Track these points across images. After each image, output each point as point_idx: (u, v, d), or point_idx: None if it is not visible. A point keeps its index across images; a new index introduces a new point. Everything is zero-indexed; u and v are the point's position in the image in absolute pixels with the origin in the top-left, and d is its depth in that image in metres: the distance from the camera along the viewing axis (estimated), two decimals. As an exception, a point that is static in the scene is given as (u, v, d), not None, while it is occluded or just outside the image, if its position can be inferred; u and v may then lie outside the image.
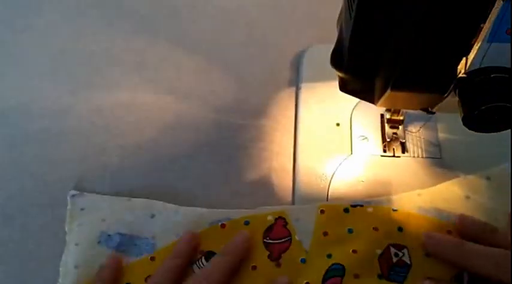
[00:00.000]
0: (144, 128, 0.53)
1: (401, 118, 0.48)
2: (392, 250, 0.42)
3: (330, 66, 0.38)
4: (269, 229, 0.44)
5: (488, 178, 0.45)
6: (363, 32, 0.34)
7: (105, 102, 0.55)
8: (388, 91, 0.36)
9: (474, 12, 0.29)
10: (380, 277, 0.41)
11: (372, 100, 0.39)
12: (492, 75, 0.31)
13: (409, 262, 0.41)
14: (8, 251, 0.45)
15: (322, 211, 0.44)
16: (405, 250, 0.41)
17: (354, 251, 0.42)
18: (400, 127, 0.49)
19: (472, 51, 0.31)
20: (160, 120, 0.54)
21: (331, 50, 0.38)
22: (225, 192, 0.48)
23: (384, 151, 0.49)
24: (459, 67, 0.32)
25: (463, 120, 0.33)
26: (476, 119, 0.32)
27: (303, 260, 0.42)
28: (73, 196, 0.47)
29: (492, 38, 0.29)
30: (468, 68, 0.32)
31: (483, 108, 0.31)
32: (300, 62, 0.57)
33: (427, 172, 0.47)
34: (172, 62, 0.59)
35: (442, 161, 0.48)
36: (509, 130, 0.33)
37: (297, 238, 0.43)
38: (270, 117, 0.54)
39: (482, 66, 0.31)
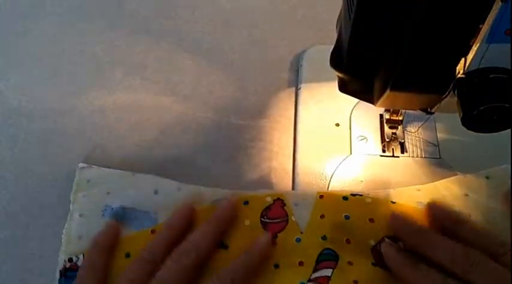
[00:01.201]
0: (145, 128, 0.53)
1: (400, 118, 0.49)
2: (388, 242, 0.42)
3: (330, 67, 0.39)
4: (267, 209, 0.44)
5: (487, 177, 0.46)
6: (362, 32, 0.34)
7: (106, 102, 0.55)
8: (388, 91, 0.36)
9: (473, 13, 0.29)
10: (374, 264, 0.41)
11: (371, 100, 0.40)
12: (491, 76, 0.31)
13: None
14: (10, 250, 0.46)
15: (321, 197, 0.45)
16: (401, 243, 0.41)
17: (348, 240, 0.42)
18: (399, 127, 0.50)
19: (471, 51, 0.31)
20: (160, 120, 0.54)
21: (330, 51, 0.39)
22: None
23: (383, 151, 0.49)
24: (458, 67, 0.32)
25: (462, 120, 0.33)
26: (475, 119, 0.32)
27: (298, 240, 0.42)
28: (81, 168, 0.48)
29: (491, 38, 0.29)
30: (467, 69, 0.32)
31: (482, 108, 0.31)
32: (299, 62, 0.58)
33: (426, 172, 0.48)
34: (173, 62, 0.59)
35: (441, 161, 0.48)
36: (508, 130, 0.34)
37: (293, 218, 0.44)
38: (269, 117, 0.54)
39: (481, 66, 0.31)
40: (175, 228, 0.42)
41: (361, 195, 0.44)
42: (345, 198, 0.44)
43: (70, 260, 0.43)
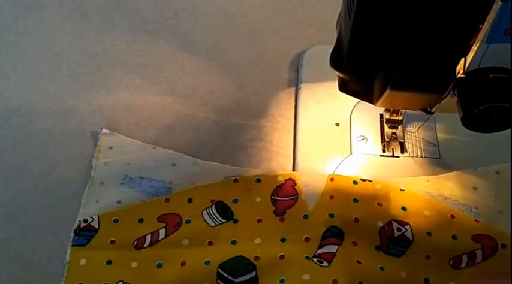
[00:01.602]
0: (145, 128, 0.53)
1: (400, 118, 0.49)
2: (395, 224, 0.43)
3: (330, 67, 0.39)
4: (278, 188, 0.46)
5: (497, 173, 0.46)
6: (362, 33, 0.34)
7: (107, 102, 0.55)
8: (387, 91, 0.36)
9: (473, 13, 0.29)
10: (378, 248, 0.42)
11: (371, 100, 0.40)
12: (491, 76, 0.31)
13: (411, 238, 0.42)
14: (11, 250, 0.46)
15: (331, 179, 0.46)
16: (408, 227, 0.42)
17: (356, 219, 0.43)
18: (399, 127, 0.50)
19: (470, 51, 0.31)
20: (161, 120, 0.54)
21: (330, 51, 0.39)
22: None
23: (383, 151, 0.49)
24: (458, 67, 0.32)
25: (462, 120, 0.33)
26: (475, 119, 0.32)
27: (306, 217, 0.44)
28: (104, 133, 0.51)
29: (491, 38, 0.30)
30: (467, 68, 0.32)
31: (482, 108, 0.31)
32: (299, 62, 0.58)
33: (426, 171, 0.48)
34: (173, 62, 0.59)
35: (441, 161, 0.48)
36: (508, 130, 0.34)
37: (303, 197, 0.45)
38: (269, 117, 0.54)
39: (481, 66, 0.31)
40: None
41: (370, 181, 0.46)
42: (355, 182, 0.46)
43: (85, 221, 0.45)
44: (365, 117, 0.51)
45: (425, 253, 0.42)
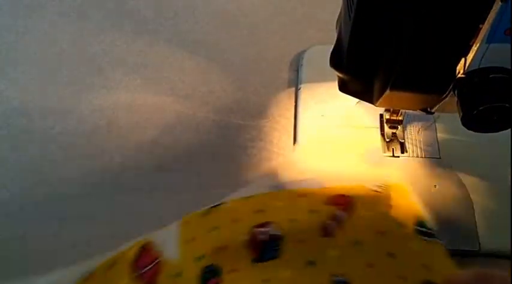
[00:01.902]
0: (145, 128, 0.53)
1: (400, 118, 0.49)
2: (257, 230, 0.41)
3: (330, 67, 0.39)
4: (136, 262, 0.40)
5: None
6: (362, 32, 0.34)
7: (107, 102, 0.55)
8: (387, 91, 0.36)
9: (473, 13, 0.29)
10: (255, 260, 0.41)
11: (371, 100, 0.40)
12: (491, 76, 0.31)
13: (279, 233, 0.41)
14: (10, 249, 0.46)
15: (184, 223, 0.43)
16: (271, 225, 0.42)
17: (222, 247, 0.41)
18: (400, 127, 0.50)
19: (470, 51, 0.31)
20: (161, 120, 0.54)
21: (330, 51, 0.39)
22: (225, 192, 0.48)
23: (383, 151, 0.49)
24: (458, 67, 0.32)
25: (462, 120, 0.33)
26: (475, 119, 0.32)
27: (179, 274, 0.40)
28: None
29: (491, 38, 0.30)
30: (467, 69, 0.32)
31: (482, 108, 0.31)
32: (299, 62, 0.58)
33: (426, 172, 0.48)
34: (173, 62, 0.59)
35: (441, 161, 0.48)
36: (508, 130, 0.34)
37: (164, 256, 0.41)
38: (269, 117, 0.54)
39: (481, 66, 0.31)
40: None
41: (219, 204, 0.44)
42: (206, 212, 0.43)
43: None
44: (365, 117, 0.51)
45: (298, 240, 0.41)
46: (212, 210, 0.44)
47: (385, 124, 0.50)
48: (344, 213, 0.42)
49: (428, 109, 0.39)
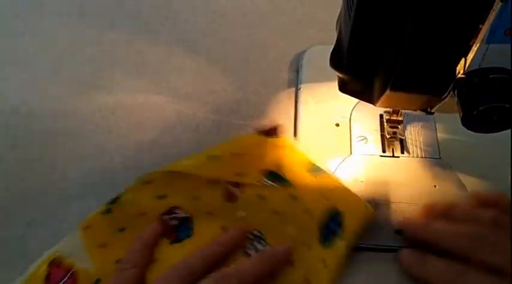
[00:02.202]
0: (145, 128, 0.53)
1: (400, 118, 0.49)
2: (166, 217, 0.43)
3: (330, 67, 0.39)
4: (47, 280, 0.41)
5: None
6: (362, 32, 0.34)
7: (106, 102, 0.55)
8: (387, 91, 0.36)
9: (473, 13, 0.29)
10: (173, 242, 0.42)
11: (371, 100, 0.40)
12: (491, 76, 0.31)
13: (188, 216, 0.43)
14: (10, 250, 0.46)
15: (85, 229, 0.43)
16: (177, 210, 0.43)
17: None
18: (400, 127, 0.50)
19: (470, 52, 0.31)
20: (161, 120, 0.54)
21: (330, 51, 0.39)
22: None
23: (383, 151, 0.49)
24: (458, 68, 0.32)
25: (462, 120, 0.33)
26: (475, 119, 0.32)
27: (98, 281, 0.40)
28: None
29: (491, 38, 0.30)
30: (467, 69, 0.32)
31: (482, 108, 0.31)
32: (299, 62, 0.58)
33: (426, 172, 0.48)
34: (172, 62, 0.59)
35: (441, 161, 0.48)
36: (508, 130, 0.34)
37: (77, 266, 0.41)
38: (270, 117, 0.54)
39: (481, 66, 0.31)
40: (224, 245, 0.41)
41: (118, 197, 0.44)
42: (107, 211, 0.44)
43: None
44: (365, 118, 0.51)
45: (205, 212, 0.44)
46: (113, 207, 0.44)
47: (385, 124, 0.50)
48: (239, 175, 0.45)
49: (428, 109, 0.39)
